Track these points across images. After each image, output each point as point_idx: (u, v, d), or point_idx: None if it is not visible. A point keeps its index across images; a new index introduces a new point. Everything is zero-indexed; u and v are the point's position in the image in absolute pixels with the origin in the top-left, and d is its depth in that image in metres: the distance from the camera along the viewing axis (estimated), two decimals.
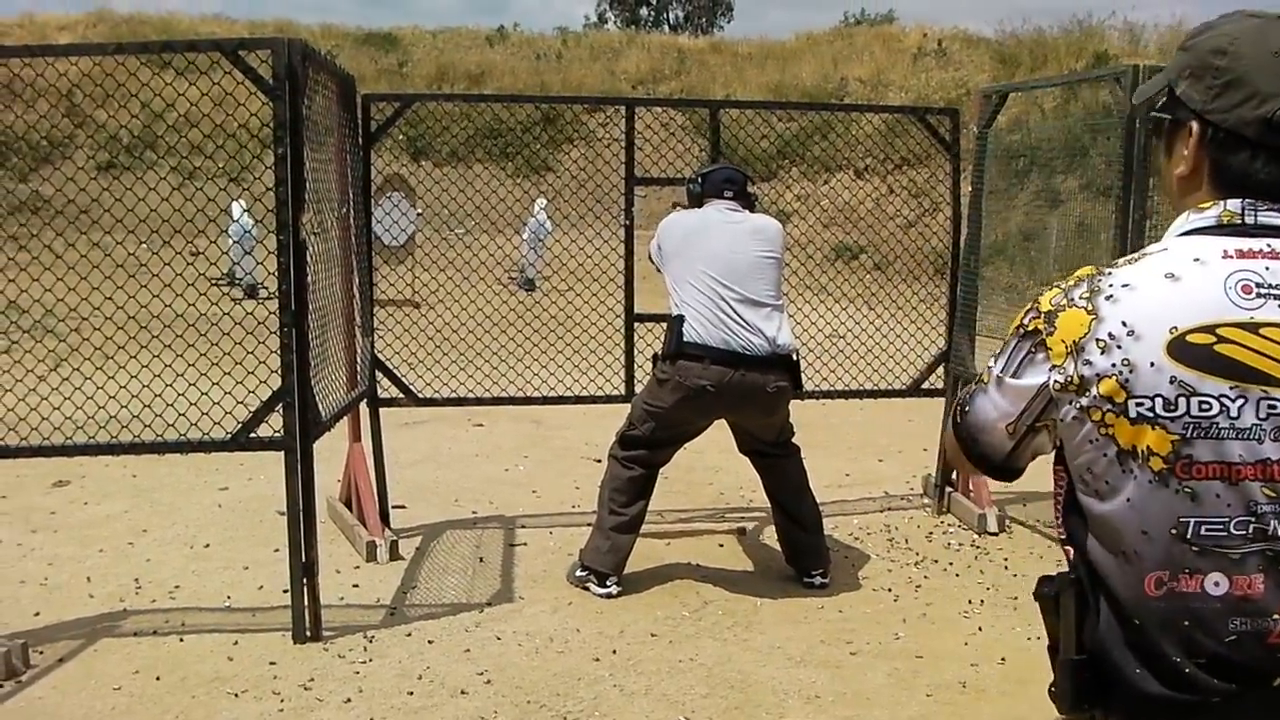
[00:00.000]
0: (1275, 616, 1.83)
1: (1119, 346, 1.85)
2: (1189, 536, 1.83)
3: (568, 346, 7.75)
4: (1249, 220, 1.90)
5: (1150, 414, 1.83)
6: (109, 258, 6.04)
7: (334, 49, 21.63)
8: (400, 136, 18.32)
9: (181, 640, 5.49)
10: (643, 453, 6.17)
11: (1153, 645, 1.88)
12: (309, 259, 5.40)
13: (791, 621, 5.84)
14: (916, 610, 6.00)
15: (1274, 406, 1.81)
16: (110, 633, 5.59)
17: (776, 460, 6.34)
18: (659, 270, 6.28)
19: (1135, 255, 1.97)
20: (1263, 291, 1.84)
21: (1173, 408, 1.82)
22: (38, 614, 5.80)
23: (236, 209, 14.03)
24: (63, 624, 5.68)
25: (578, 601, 6.04)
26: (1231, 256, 1.86)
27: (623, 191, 7.32)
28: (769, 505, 6.58)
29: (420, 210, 12.02)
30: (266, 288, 10.71)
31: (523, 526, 7.32)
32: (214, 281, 13.90)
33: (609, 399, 7.38)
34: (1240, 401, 1.81)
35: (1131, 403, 1.84)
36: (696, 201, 6.29)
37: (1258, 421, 1.81)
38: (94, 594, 6.11)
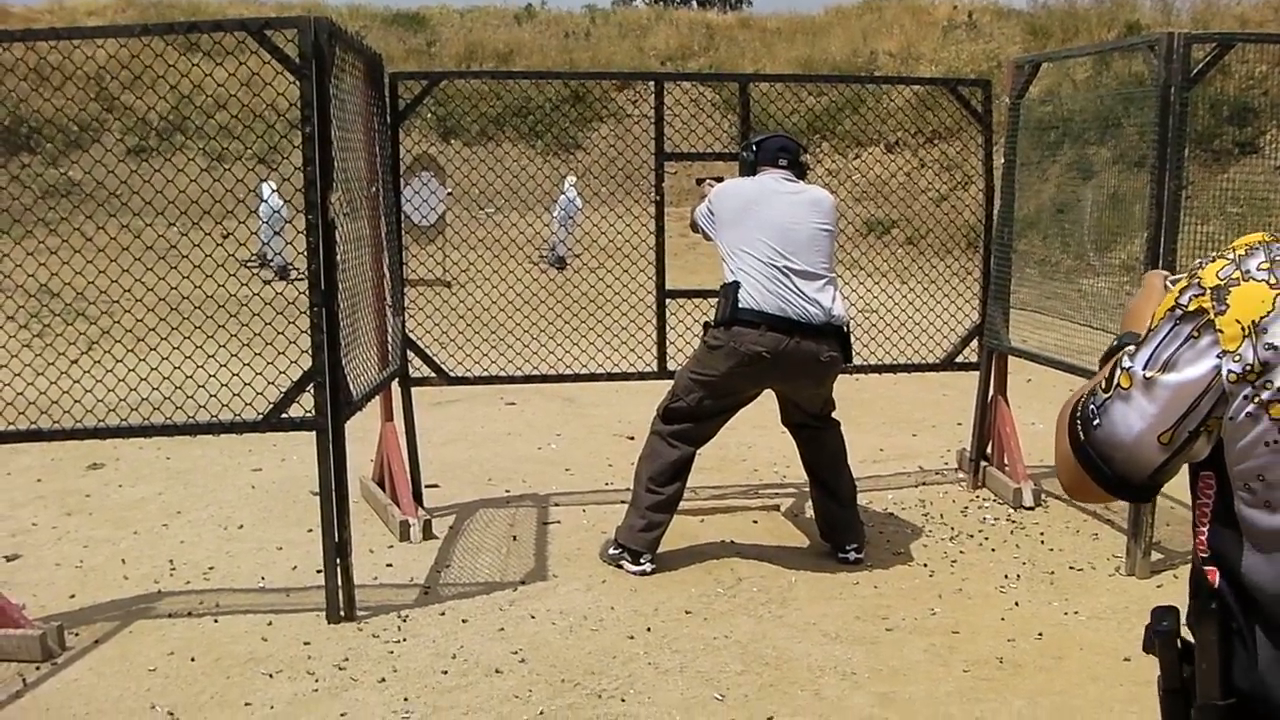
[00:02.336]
0: None
1: None
2: None
3: (599, 324, 7.72)
4: None
5: None
6: (139, 240, 6.04)
7: (362, 29, 21.60)
8: (429, 116, 18.27)
9: (216, 621, 5.50)
10: (687, 426, 6.13)
11: None
12: (338, 239, 5.39)
13: (826, 598, 5.81)
14: (952, 585, 5.96)
15: None
16: (145, 614, 5.61)
17: (817, 431, 6.31)
18: (706, 236, 6.25)
19: None
20: None
21: None
22: (73, 596, 5.83)
23: (266, 189, 14.03)
24: (98, 606, 5.71)
25: (611, 579, 6.03)
26: None
27: (652, 168, 7.29)
28: (803, 481, 6.57)
29: (450, 189, 11.99)
30: (296, 268, 10.69)
31: (556, 505, 7.31)
32: (244, 263, 13.93)
33: (641, 375, 7.37)
34: None
35: None
36: (750, 170, 6.24)
37: None
38: (129, 576, 6.13)
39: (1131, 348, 1.73)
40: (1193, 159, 6.30)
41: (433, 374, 7.19)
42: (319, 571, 5.62)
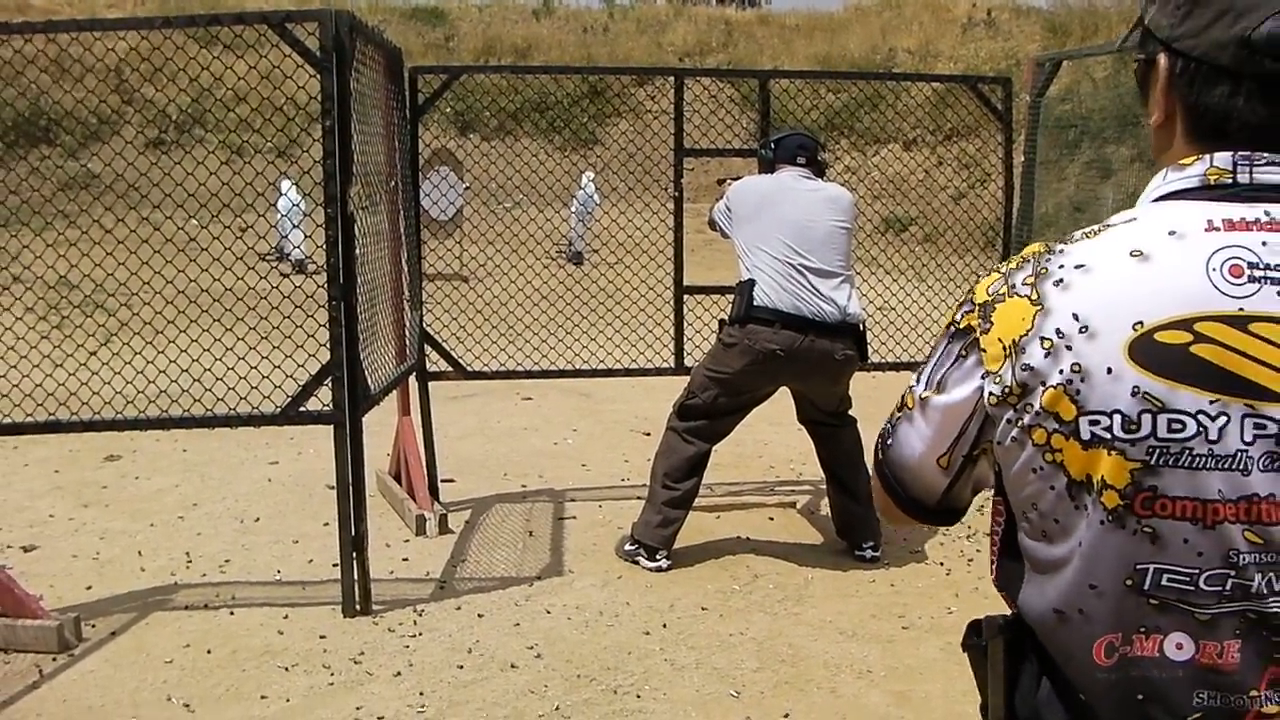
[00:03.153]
0: (1253, 693, 1.45)
1: (1068, 347, 1.44)
2: (1146, 587, 1.45)
3: (616, 319, 7.71)
4: (1242, 179, 1.47)
5: (1107, 435, 1.43)
6: (158, 233, 6.05)
7: (381, 23, 21.57)
8: (447, 110, 18.24)
9: (232, 614, 5.51)
10: (703, 423, 6.13)
11: None
12: (357, 232, 5.39)
13: (843, 595, 5.80)
14: (969, 584, 5.94)
15: (1264, 427, 1.40)
16: (161, 606, 5.61)
17: (833, 430, 6.29)
18: (723, 234, 6.26)
19: (1097, 227, 1.54)
20: (1257, 274, 1.41)
21: (1134, 427, 1.41)
22: (90, 588, 5.84)
23: (285, 183, 14.04)
24: (115, 598, 5.72)
25: (627, 575, 6.02)
26: (1218, 228, 1.44)
27: (671, 163, 7.28)
28: (819, 478, 6.56)
29: (468, 184, 12.00)
30: (315, 261, 10.66)
31: (572, 500, 7.31)
32: (263, 256, 13.96)
33: (659, 372, 7.36)
34: (1222, 420, 1.39)
35: (1084, 420, 1.44)
36: (768, 167, 6.24)
37: (1243, 446, 1.40)
38: (145, 568, 6.14)
39: (922, 363, 1.69)
40: None
41: (450, 368, 7.19)
42: (335, 565, 5.63)
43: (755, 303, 5.88)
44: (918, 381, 1.67)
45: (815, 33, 24.24)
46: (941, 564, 6.21)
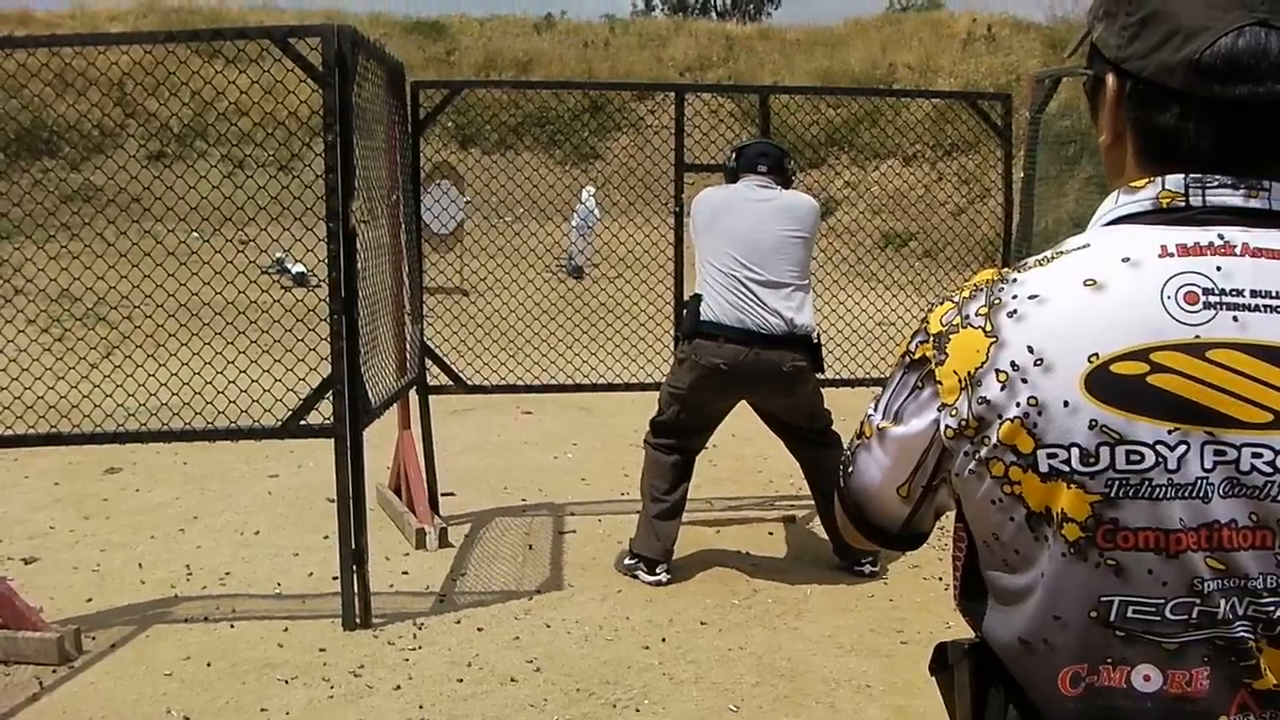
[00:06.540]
0: (1222, 719, 1.43)
1: (1024, 380, 1.42)
2: (1113, 619, 1.43)
3: (617, 334, 7.73)
4: (1195, 202, 1.44)
5: (1065, 468, 1.40)
6: (160, 246, 6.07)
7: (382, 37, 21.54)
8: (448, 124, 18.27)
9: (232, 626, 5.51)
10: (673, 440, 6.15)
11: None
12: (359, 246, 5.41)
13: (842, 610, 5.80)
14: None
15: (1223, 453, 1.37)
16: (162, 619, 5.62)
17: (815, 450, 6.24)
18: None
19: (1049, 253, 1.52)
20: (1212, 300, 1.38)
21: (1093, 460, 1.39)
22: (90, 600, 5.85)
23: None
24: (115, 610, 5.72)
25: (627, 589, 6.03)
26: (1172, 254, 1.41)
27: (671, 178, 7.29)
28: None
29: (469, 198, 12.02)
30: (316, 275, 10.65)
31: (572, 514, 7.32)
32: (265, 270, 13.97)
33: (658, 386, 7.34)
34: (1181, 449, 1.37)
35: (1041, 453, 1.41)
36: (732, 177, 6.24)
37: (1203, 474, 1.37)
38: (145, 580, 6.15)
39: (880, 390, 1.67)
40: None
41: (450, 382, 7.20)
42: (335, 578, 5.63)
43: (701, 317, 5.90)
44: (875, 410, 1.65)
45: (815, 48, 24.27)
46: (940, 579, 6.20)
